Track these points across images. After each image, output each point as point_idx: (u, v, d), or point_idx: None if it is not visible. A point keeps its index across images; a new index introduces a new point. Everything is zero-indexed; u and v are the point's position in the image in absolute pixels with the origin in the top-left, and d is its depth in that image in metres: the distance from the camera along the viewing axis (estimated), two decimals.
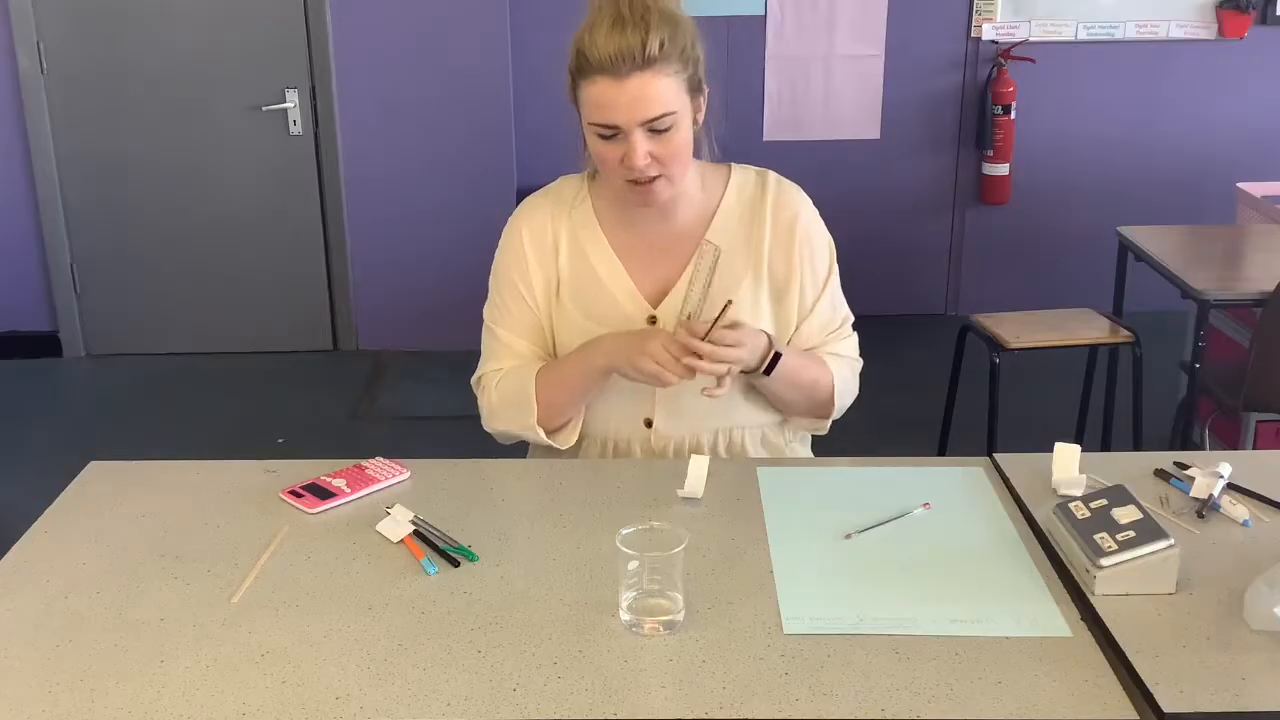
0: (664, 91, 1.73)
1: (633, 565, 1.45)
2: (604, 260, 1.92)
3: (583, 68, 1.73)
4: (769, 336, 1.88)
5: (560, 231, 1.93)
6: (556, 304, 1.94)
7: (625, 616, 1.45)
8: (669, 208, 1.89)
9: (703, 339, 1.76)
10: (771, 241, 1.92)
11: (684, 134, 1.78)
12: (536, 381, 1.89)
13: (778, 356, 1.86)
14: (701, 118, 1.84)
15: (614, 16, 1.71)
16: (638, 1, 1.72)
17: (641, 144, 1.74)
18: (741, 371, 1.85)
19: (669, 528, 1.48)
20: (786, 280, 1.93)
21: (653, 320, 1.91)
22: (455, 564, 1.59)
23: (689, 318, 1.85)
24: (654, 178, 1.79)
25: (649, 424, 1.94)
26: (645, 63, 1.70)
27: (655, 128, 1.74)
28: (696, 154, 1.88)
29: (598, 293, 1.92)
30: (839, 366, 1.96)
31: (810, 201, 1.96)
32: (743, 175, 1.96)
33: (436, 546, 1.62)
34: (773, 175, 1.97)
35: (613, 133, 1.75)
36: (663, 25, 1.71)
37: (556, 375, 1.90)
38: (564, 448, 1.93)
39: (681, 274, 1.91)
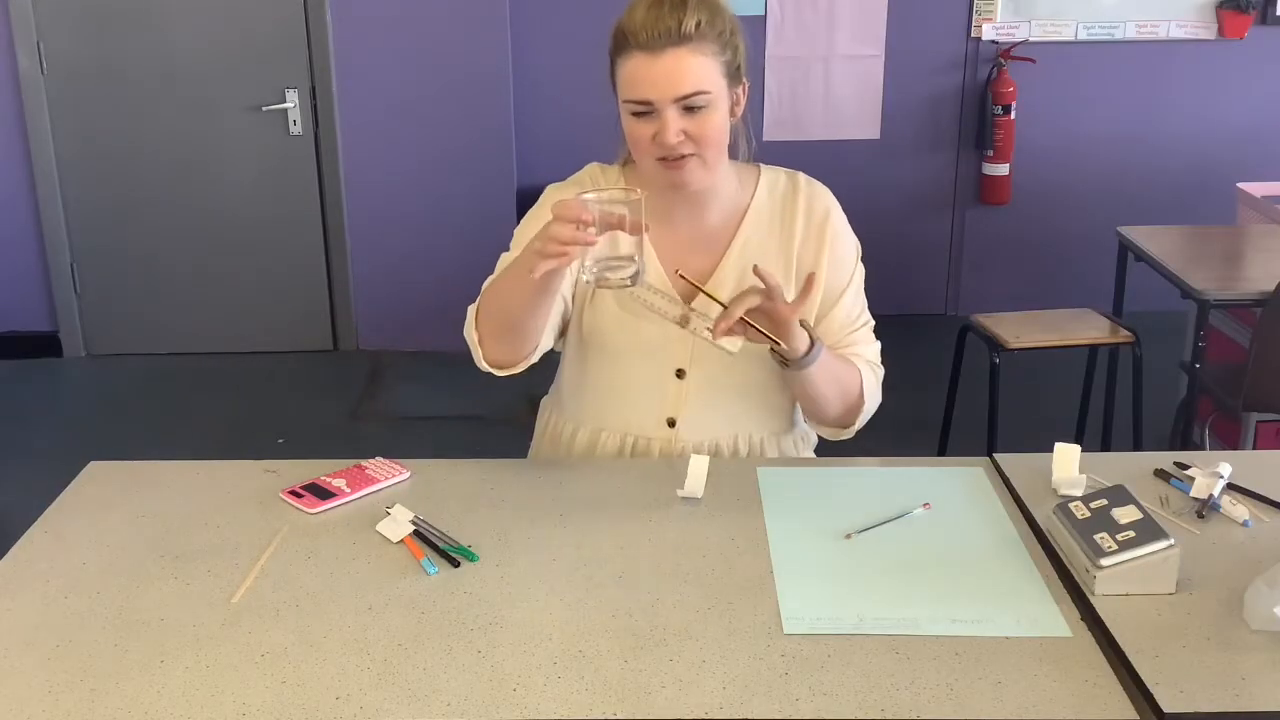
0: (698, 69, 1.72)
1: (589, 196, 1.57)
2: None
3: (619, 45, 1.74)
4: (809, 330, 1.81)
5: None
6: (590, 293, 1.91)
7: (586, 276, 1.61)
8: (702, 200, 1.87)
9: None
10: (802, 239, 1.91)
11: (719, 117, 1.76)
12: (483, 293, 1.83)
13: (814, 345, 1.79)
14: (740, 110, 1.83)
15: None
16: None
17: (674, 121, 1.73)
18: (783, 360, 1.79)
19: (632, 189, 1.61)
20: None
21: (686, 318, 1.89)
22: (455, 564, 1.59)
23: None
24: (687, 156, 1.76)
25: (671, 424, 1.93)
26: (680, 39, 1.70)
27: (689, 104, 1.73)
28: (733, 151, 1.86)
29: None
30: (864, 368, 1.92)
31: (835, 199, 1.96)
32: (773, 175, 1.95)
33: (436, 546, 1.62)
34: (803, 176, 1.96)
35: (646, 108, 1.74)
36: (701, 7, 1.72)
37: (494, 284, 1.82)
38: (501, 372, 1.86)
39: (715, 270, 1.90)
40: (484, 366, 1.87)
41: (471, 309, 1.86)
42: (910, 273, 5.37)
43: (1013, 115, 5.09)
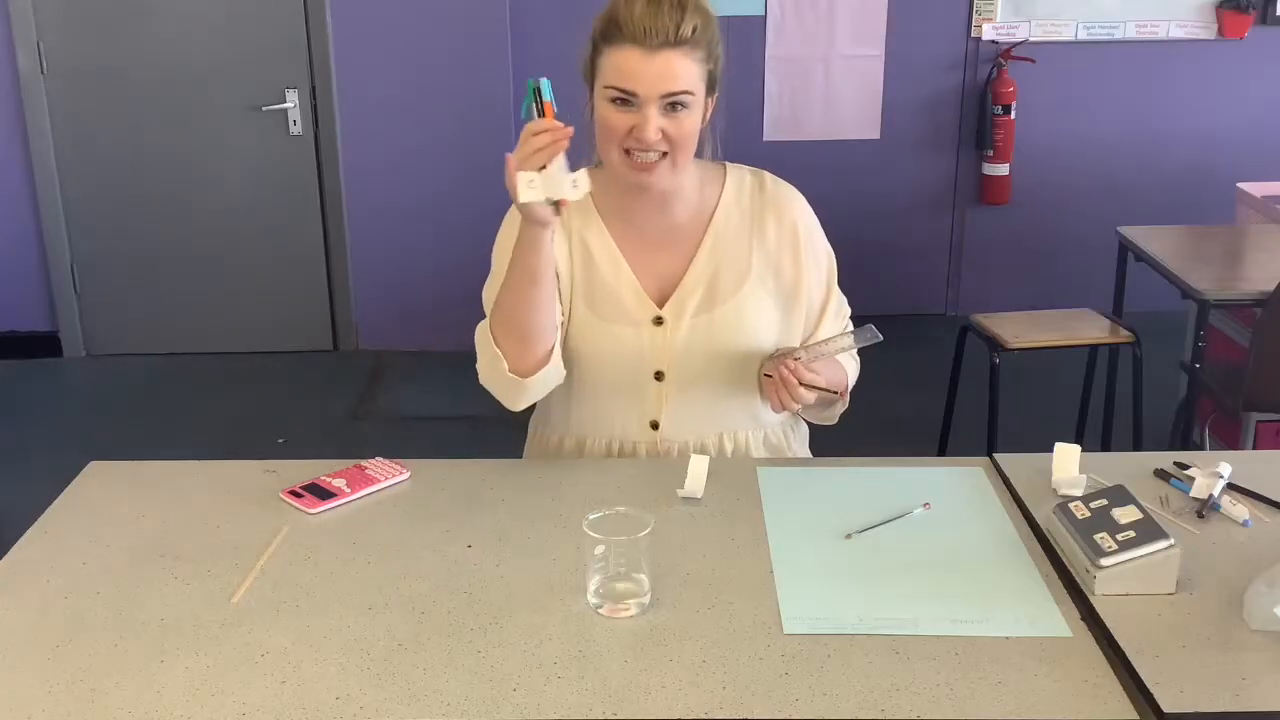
0: (688, 72, 1.75)
1: (599, 550, 1.48)
2: (608, 256, 1.91)
3: (611, 34, 1.75)
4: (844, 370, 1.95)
5: (571, 223, 1.91)
6: (568, 308, 1.91)
7: (592, 600, 1.48)
8: (666, 199, 1.88)
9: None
10: (777, 245, 1.93)
11: (694, 120, 1.79)
12: (490, 317, 1.85)
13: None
14: (709, 116, 1.85)
15: None
16: None
17: (655, 118, 1.75)
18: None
19: (635, 512, 1.50)
20: (795, 283, 1.93)
21: (659, 321, 1.89)
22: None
23: (796, 358, 1.83)
24: (659, 158, 1.78)
25: (655, 426, 1.93)
26: (676, 42, 1.73)
27: (674, 102, 1.75)
28: (699, 153, 1.87)
29: (603, 290, 1.90)
30: (848, 363, 2.00)
31: (804, 198, 1.98)
32: (739, 174, 1.96)
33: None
34: (768, 175, 1.97)
35: (629, 100, 1.75)
36: (697, 14, 1.75)
37: (501, 284, 1.83)
38: (551, 386, 1.88)
39: (686, 270, 1.90)
40: (509, 393, 1.85)
41: (482, 327, 1.86)
42: (910, 273, 5.37)
43: (1013, 115, 5.09)
